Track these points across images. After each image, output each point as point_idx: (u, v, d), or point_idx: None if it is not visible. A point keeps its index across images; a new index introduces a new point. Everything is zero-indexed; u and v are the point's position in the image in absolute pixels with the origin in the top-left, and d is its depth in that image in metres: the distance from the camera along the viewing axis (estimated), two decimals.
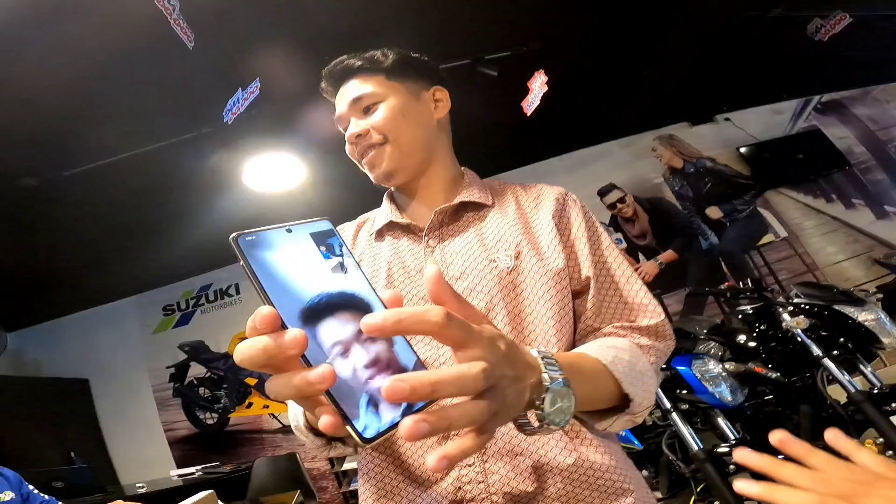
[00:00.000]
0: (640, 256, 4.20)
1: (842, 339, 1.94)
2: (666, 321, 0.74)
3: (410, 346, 0.37)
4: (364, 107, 0.80)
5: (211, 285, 4.87)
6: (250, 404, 4.55)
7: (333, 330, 0.34)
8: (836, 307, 1.96)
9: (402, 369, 0.36)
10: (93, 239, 3.68)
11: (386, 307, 0.37)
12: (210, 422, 4.64)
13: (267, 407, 4.50)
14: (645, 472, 2.35)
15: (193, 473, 3.62)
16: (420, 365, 0.37)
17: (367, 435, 0.32)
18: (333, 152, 3.27)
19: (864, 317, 1.91)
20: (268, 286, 0.33)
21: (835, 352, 1.93)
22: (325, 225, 0.39)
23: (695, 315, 3.33)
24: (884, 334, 1.90)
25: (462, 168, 0.90)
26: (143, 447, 4.61)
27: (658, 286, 3.78)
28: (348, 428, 0.32)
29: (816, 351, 1.89)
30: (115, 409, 4.72)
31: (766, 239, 4.15)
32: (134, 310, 4.94)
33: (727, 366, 2.15)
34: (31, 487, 1.86)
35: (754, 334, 2.10)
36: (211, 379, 4.66)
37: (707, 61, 3.59)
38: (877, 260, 3.31)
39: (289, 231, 0.36)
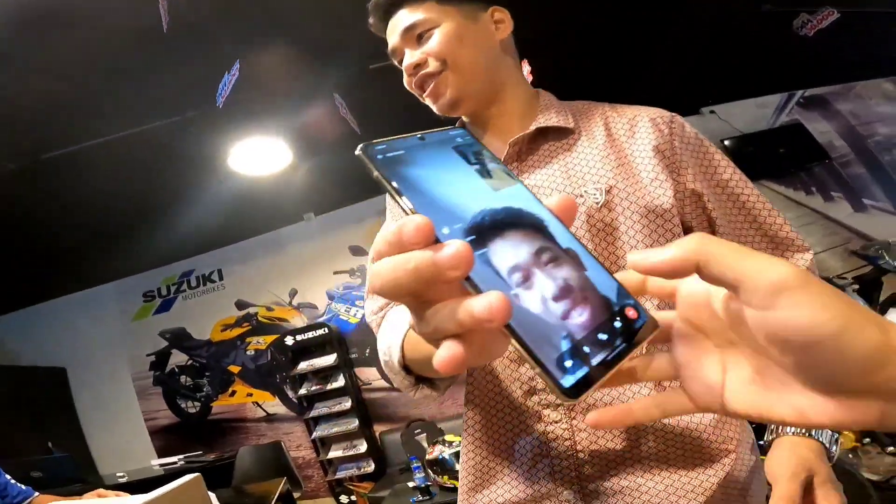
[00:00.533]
0: None
1: None
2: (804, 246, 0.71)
3: (604, 268, 0.28)
4: (417, 35, 0.74)
5: (193, 271, 4.78)
6: (233, 392, 4.50)
7: (506, 253, 0.26)
8: None
9: (603, 300, 0.27)
10: (71, 225, 3.59)
11: (560, 219, 0.29)
12: (192, 410, 4.59)
13: (250, 395, 4.47)
14: None
15: (175, 463, 3.59)
16: (623, 292, 0.28)
17: (567, 384, 0.24)
18: (319, 137, 3.29)
19: None
20: (414, 201, 0.26)
21: None
22: (460, 133, 0.32)
23: None
24: None
25: (538, 90, 0.83)
26: (122, 437, 4.55)
27: None
28: (545, 378, 0.24)
29: None
30: (93, 398, 4.65)
31: None
32: (113, 296, 4.84)
33: None
34: (7, 477, 1.81)
35: None
36: (193, 367, 4.61)
37: (696, 55, 3.62)
38: (854, 251, 3.39)
39: (422, 139, 0.30)
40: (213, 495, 1.61)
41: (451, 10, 0.74)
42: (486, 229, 0.27)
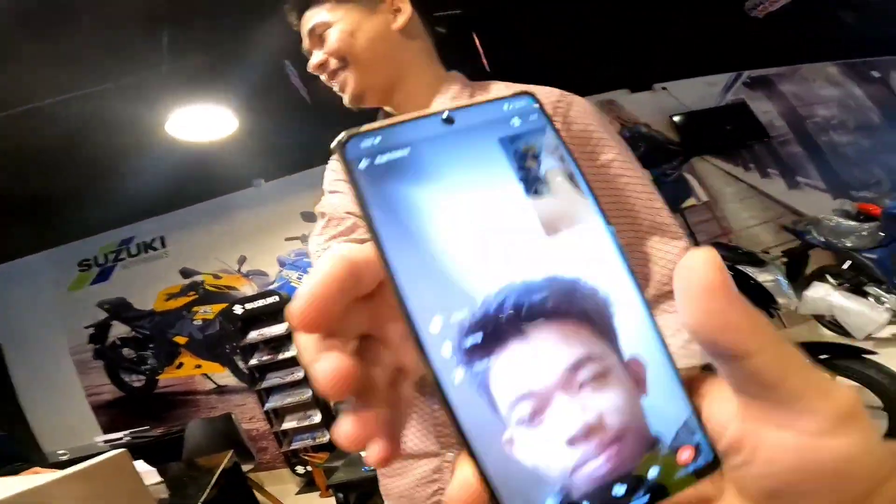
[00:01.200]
0: None
1: None
2: (677, 230, 0.70)
3: (678, 381, 0.19)
4: (318, 35, 0.77)
5: (133, 238, 4.53)
6: (181, 364, 4.36)
7: (520, 367, 0.18)
8: (740, 267, 2.06)
9: (648, 439, 0.18)
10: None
11: (643, 298, 0.19)
12: (137, 384, 4.42)
13: (199, 367, 4.34)
14: None
15: (121, 439, 3.46)
16: (691, 425, 0.19)
17: None
18: (266, 102, 3.13)
19: (763, 277, 2.01)
20: (395, 258, 0.16)
21: None
22: (521, 108, 0.19)
23: None
24: (780, 295, 2.01)
25: (452, 73, 0.83)
26: (64, 413, 4.34)
27: None
28: None
29: None
30: (32, 374, 4.40)
31: (689, 202, 4.40)
32: (46, 266, 4.52)
33: None
34: None
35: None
36: (135, 339, 4.41)
37: (650, 33, 3.67)
38: (784, 226, 3.60)
39: (448, 121, 0.18)
40: (153, 470, 1.56)
41: (348, 6, 0.76)
42: (500, 325, 0.17)
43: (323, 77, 0.79)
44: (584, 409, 0.18)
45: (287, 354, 3.71)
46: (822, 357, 1.84)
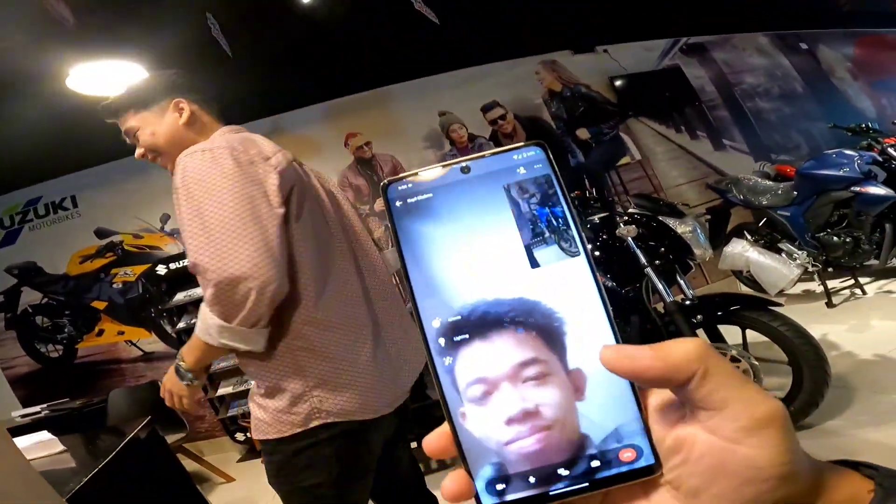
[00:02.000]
0: None
1: (663, 250, 2.02)
2: (203, 266, 0.85)
3: (635, 402, 0.24)
4: (133, 135, 1.11)
5: (40, 198, 4.09)
6: (101, 331, 4.05)
7: (480, 360, 0.23)
8: (661, 218, 2.08)
9: (579, 435, 0.23)
10: None
11: (612, 322, 0.23)
12: (54, 355, 4.08)
13: (122, 333, 4.05)
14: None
15: (39, 413, 3.19)
16: (632, 431, 0.23)
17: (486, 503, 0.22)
18: (183, 56, 2.91)
19: (682, 229, 2.04)
20: (415, 276, 0.23)
21: (657, 262, 1.99)
22: (529, 159, 0.24)
23: None
24: (696, 246, 2.03)
25: (223, 128, 1.13)
26: None
27: None
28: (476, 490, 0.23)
29: (643, 260, 1.95)
30: None
31: (623, 160, 4.52)
32: None
33: None
34: None
35: (598, 243, 2.18)
36: (49, 306, 4.04)
37: None
38: (709, 185, 3.75)
39: (465, 170, 0.24)
40: (55, 439, 1.48)
41: (145, 114, 1.10)
42: (473, 326, 0.23)
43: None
44: (523, 399, 0.23)
45: None
46: (733, 308, 1.90)
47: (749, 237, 3.18)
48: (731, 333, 1.96)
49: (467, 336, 0.23)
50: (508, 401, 0.23)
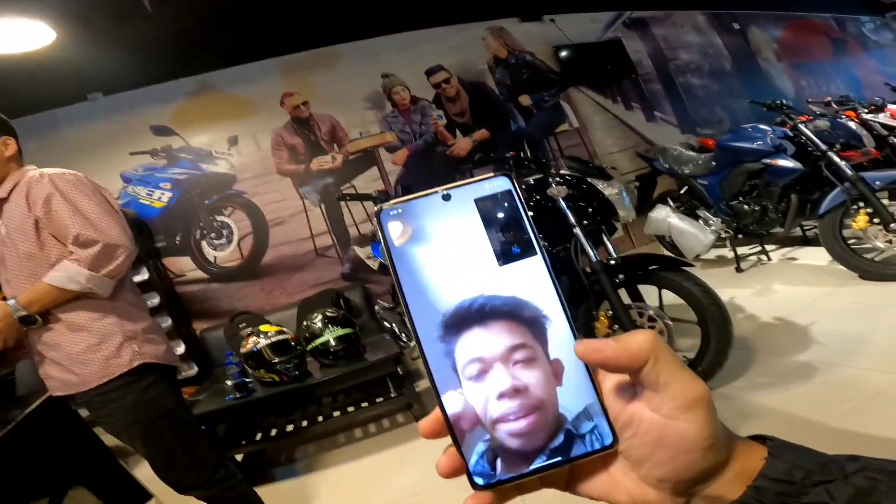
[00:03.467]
0: (458, 133, 4.40)
1: (591, 211, 2.07)
2: (91, 238, 1.28)
3: (593, 388, 0.27)
4: None
5: None
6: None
7: (476, 343, 0.27)
8: (590, 180, 2.12)
9: (556, 415, 0.27)
10: None
11: (569, 319, 0.27)
12: None
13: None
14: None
15: None
16: (594, 412, 0.27)
17: (479, 482, 0.26)
18: (95, 12, 2.72)
19: (609, 191, 2.09)
20: (407, 284, 0.27)
21: (585, 222, 2.04)
22: (500, 184, 0.29)
23: None
24: (621, 208, 2.09)
25: (25, 168, 1.39)
26: None
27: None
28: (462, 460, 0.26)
29: (572, 219, 1.99)
30: None
31: (562, 127, 4.63)
32: None
33: None
34: None
35: (531, 204, 2.19)
36: None
37: None
38: (638, 153, 3.89)
39: (446, 198, 0.28)
40: None
41: None
42: (464, 318, 0.27)
43: None
44: (513, 377, 0.27)
45: (138, 278, 3.28)
46: (652, 268, 1.98)
47: (672, 204, 3.34)
48: (648, 295, 2.04)
49: (461, 324, 0.27)
50: (501, 378, 0.26)
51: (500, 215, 0.28)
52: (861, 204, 2.42)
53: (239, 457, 2.41)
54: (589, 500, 0.29)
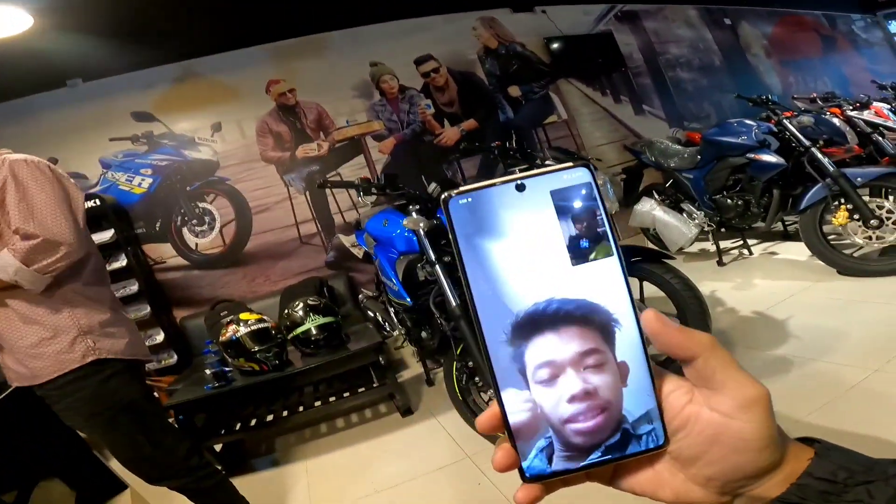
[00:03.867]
0: (446, 122, 4.38)
1: None
2: (31, 232, 1.24)
3: (652, 386, 0.27)
4: None
5: None
6: None
7: (548, 347, 0.26)
8: None
9: (618, 416, 0.27)
10: None
11: (643, 324, 0.27)
12: None
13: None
14: (424, 334, 2.31)
15: None
16: (652, 414, 0.27)
17: (529, 473, 0.27)
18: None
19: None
20: (475, 280, 0.26)
21: None
22: (579, 175, 0.27)
23: (483, 178, 3.56)
24: (605, 198, 2.10)
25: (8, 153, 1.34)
26: None
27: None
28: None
29: None
30: None
31: (551, 119, 4.62)
32: None
33: None
34: None
35: None
36: None
37: None
38: (626, 146, 3.90)
39: (520, 188, 0.26)
40: None
41: None
42: (540, 322, 0.26)
43: None
44: (584, 381, 0.27)
45: (115, 265, 3.22)
46: (634, 259, 1.99)
47: (657, 197, 3.36)
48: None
49: (535, 326, 0.26)
50: (572, 382, 0.26)
51: (578, 210, 0.27)
52: (842, 200, 2.45)
53: (218, 447, 2.39)
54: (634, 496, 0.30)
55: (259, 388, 2.36)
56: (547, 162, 2.20)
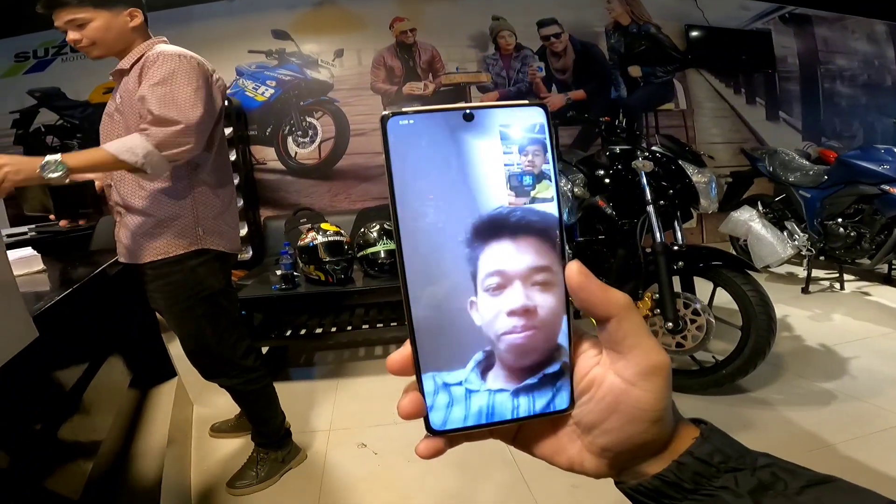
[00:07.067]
0: (553, 88, 4.43)
1: (671, 192, 2.04)
2: (173, 118, 1.28)
3: (567, 315, 0.27)
4: (75, 25, 1.34)
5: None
6: None
7: (504, 256, 0.25)
8: (681, 162, 2.07)
9: (555, 350, 0.26)
10: None
11: (566, 274, 0.26)
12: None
13: None
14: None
15: (26, 233, 3.08)
16: (567, 369, 0.27)
17: (435, 427, 0.26)
18: None
19: (698, 178, 2.02)
20: (402, 208, 0.24)
21: (661, 202, 2.00)
22: (534, 114, 0.26)
23: (579, 149, 3.56)
24: (705, 197, 2.03)
25: (151, 40, 1.45)
26: None
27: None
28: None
29: (648, 196, 1.97)
30: None
31: (666, 106, 4.49)
32: None
33: (576, 189, 2.30)
34: None
35: (611, 171, 2.21)
36: (63, 127, 4.20)
37: None
38: (743, 150, 3.67)
39: (468, 117, 0.25)
40: (37, 256, 1.46)
41: (103, 12, 1.35)
42: (503, 227, 0.25)
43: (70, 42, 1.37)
44: (527, 297, 0.26)
45: (233, 157, 3.63)
46: (715, 263, 1.94)
47: (760, 208, 3.17)
48: (701, 290, 2.01)
49: (492, 233, 0.25)
50: (516, 295, 0.25)
51: (524, 148, 0.25)
52: None
53: (264, 349, 2.53)
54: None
55: (318, 298, 2.47)
56: (653, 147, 2.15)
